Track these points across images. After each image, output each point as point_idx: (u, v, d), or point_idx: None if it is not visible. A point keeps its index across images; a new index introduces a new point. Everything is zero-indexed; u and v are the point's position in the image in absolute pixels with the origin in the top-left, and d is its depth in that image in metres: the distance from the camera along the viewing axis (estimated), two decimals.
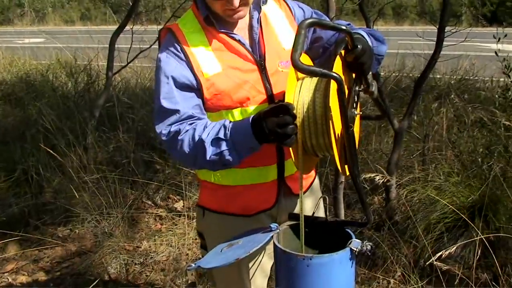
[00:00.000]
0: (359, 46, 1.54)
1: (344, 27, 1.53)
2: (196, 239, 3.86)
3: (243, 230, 1.81)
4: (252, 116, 1.63)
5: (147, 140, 5.29)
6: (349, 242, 1.56)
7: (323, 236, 1.73)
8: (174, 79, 1.76)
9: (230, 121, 1.71)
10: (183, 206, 4.34)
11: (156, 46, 5.63)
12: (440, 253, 2.76)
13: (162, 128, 1.77)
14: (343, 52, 1.58)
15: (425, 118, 4.66)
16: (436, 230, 3.37)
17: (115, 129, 5.21)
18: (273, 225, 1.68)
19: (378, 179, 3.09)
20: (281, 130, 1.51)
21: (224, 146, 1.66)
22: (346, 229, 1.66)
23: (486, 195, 3.34)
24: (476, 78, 6.27)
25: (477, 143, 3.90)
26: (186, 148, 1.72)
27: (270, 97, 1.82)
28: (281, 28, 1.89)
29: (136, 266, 3.60)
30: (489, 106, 4.55)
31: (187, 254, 3.68)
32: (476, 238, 3.02)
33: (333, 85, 1.46)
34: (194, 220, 4.01)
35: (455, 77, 6.37)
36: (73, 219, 4.17)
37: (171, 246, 3.76)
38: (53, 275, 3.68)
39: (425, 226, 3.41)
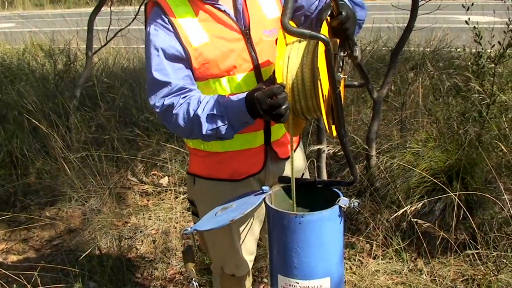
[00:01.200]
0: (343, 13, 1.62)
1: None
2: (183, 213, 3.94)
3: (233, 195, 1.90)
4: (246, 94, 1.69)
5: (129, 118, 5.32)
6: (338, 200, 1.66)
7: (313, 197, 1.82)
8: (163, 50, 1.81)
9: (224, 96, 1.78)
10: (169, 181, 4.41)
11: (133, 26, 5.67)
12: (414, 205, 2.88)
13: (156, 101, 1.83)
14: (328, 18, 1.65)
15: (402, 88, 4.77)
16: (416, 194, 3.49)
17: (96, 108, 5.24)
18: (265, 188, 1.77)
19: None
20: (275, 111, 1.58)
21: (220, 122, 1.74)
22: (335, 189, 1.76)
23: (463, 159, 3.47)
24: (450, 48, 6.37)
25: (452, 110, 4.02)
26: (181, 122, 1.79)
27: (256, 65, 1.89)
28: None
29: (126, 240, 3.67)
30: (462, 73, 4.67)
31: (175, 228, 3.76)
32: (453, 198, 3.14)
33: (321, 47, 1.54)
34: (181, 195, 4.08)
35: (429, 49, 6.48)
36: (60, 198, 4.21)
37: (159, 220, 3.83)
38: (43, 253, 3.73)
39: (405, 191, 3.53)
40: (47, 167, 4.50)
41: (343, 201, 1.65)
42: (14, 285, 2.85)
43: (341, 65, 1.68)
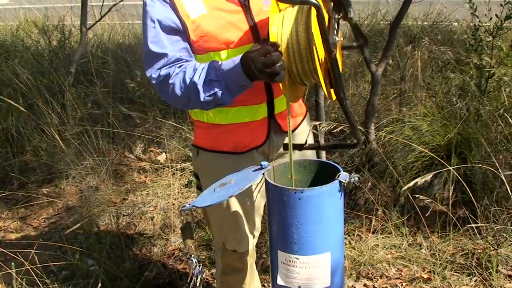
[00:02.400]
0: None
1: None
2: (181, 189, 3.93)
3: (235, 168, 1.87)
4: (241, 55, 1.67)
5: (125, 94, 5.28)
6: (338, 175, 1.64)
7: (313, 173, 1.81)
8: (160, 22, 1.79)
9: (219, 61, 1.75)
10: (166, 158, 4.39)
11: (127, 1, 5.58)
12: (415, 181, 2.87)
13: (152, 72, 1.82)
14: None
15: (400, 61, 4.73)
16: (414, 169, 3.48)
17: (91, 84, 5.19)
18: (264, 163, 1.74)
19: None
20: (270, 69, 1.56)
21: (217, 87, 1.72)
22: (334, 164, 1.74)
23: (462, 133, 3.46)
24: (448, 21, 6.32)
25: (451, 84, 3.99)
26: (178, 91, 1.78)
27: (256, 37, 1.86)
28: None
29: (124, 217, 3.66)
30: (461, 47, 4.63)
31: (174, 204, 3.75)
32: (451, 171, 3.13)
33: (313, 12, 1.52)
34: (179, 172, 4.07)
35: (427, 22, 6.41)
36: (57, 176, 4.19)
37: (157, 197, 3.82)
38: (41, 231, 3.72)
39: (403, 165, 3.52)
40: (43, 144, 4.47)
41: (343, 176, 1.63)
42: (12, 263, 2.84)
43: (336, 27, 1.65)
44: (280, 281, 1.72)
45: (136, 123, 4.79)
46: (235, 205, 2.11)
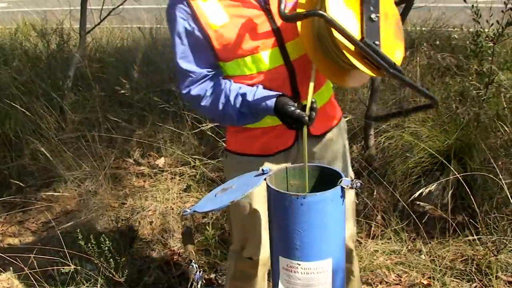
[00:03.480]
0: None
1: None
2: (180, 193, 3.91)
3: None
4: (274, 102, 1.78)
5: (124, 99, 5.26)
6: (340, 180, 1.63)
7: (315, 178, 1.80)
8: (185, 36, 1.86)
9: (251, 90, 1.84)
10: (165, 162, 4.37)
11: (126, 5, 5.58)
12: (419, 191, 2.87)
13: (183, 88, 1.94)
14: None
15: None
16: (414, 174, 3.48)
17: (90, 88, 5.17)
18: (265, 168, 1.74)
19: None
20: (296, 126, 1.75)
21: (250, 118, 1.87)
22: (335, 169, 1.73)
23: (461, 139, 3.46)
24: (446, 27, 6.32)
25: (450, 89, 3.99)
26: (210, 114, 1.99)
27: (280, 41, 1.88)
28: None
29: (123, 222, 3.65)
30: (460, 53, 4.64)
31: (172, 208, 3.74)
32: (451, 177, 3.13)
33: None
34: (177, 176, 4.05)
35: (425, 28, 6.42)
36: (55, 180, 4.17)
37: (156, 201, 3.81)
38: (40, 235, 3.71)
39: (403, 171, 3.52)
40: (41, 148, 4.45)
41: (345, 182, 1.62)
42: (11, 268, 2.83)
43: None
44: (281, 287, 1.71)
45: (134, 128, 4.78)
46: (258, 212, 2.12)
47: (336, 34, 1.58)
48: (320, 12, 1.52)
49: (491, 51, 3.59)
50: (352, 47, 1.62)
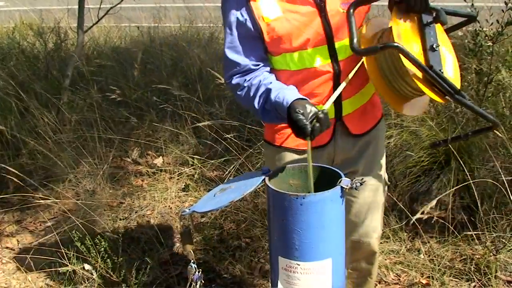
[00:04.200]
0: None
1: None
2: (178, 193, 3.90)
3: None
4: (289, 104, 1.73)
5: (121, 98, 5.24)
6: (339, 180, 1.62)
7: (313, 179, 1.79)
8: (236, 27, 1.87)
9: (277, 87, 1.83)
10: (163, 162, 4.36)
11: (124, 4, 5.56)
12: (422, 209, 2.86)
13: (226, 77, 1.98)
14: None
15: None
16: (413, 174, 3.47)
17: (88, 88, 5.16)
18: (265, 168, 1.73)
19: None
20: (298, 135, 1.70)
21: (272, 116, 1.89)
22: (335, 169, 1.72)
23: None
24: (444, 26, 6.31)
25: None
26: (243, 103, 1.97)
27: (330, 39, 1.88)
28: None
29: (122, 221, 3.64)
30: (460, 52, 4.62)
31: (171, 208, 3.73)
32: (451, 178, 3.12)
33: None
34: (176, 175, 4.04)
35: None
36: (53, 179, 4.16)
37: (154, 200, 3.80)
38: (38, 234, 3.69)
39: (402, 170, 3.51)
40: (39, 147, 4.43)
41: (345, 182, 1.61)
42: (8, 268, 2.82)
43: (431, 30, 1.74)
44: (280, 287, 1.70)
45: (132, 127, 4.76)
46: None
47: (406, 63, 1.62)
48: (396, 44, 1.57)
49: (490, 51, 3.59)
50: (420, 75, 1.67)
